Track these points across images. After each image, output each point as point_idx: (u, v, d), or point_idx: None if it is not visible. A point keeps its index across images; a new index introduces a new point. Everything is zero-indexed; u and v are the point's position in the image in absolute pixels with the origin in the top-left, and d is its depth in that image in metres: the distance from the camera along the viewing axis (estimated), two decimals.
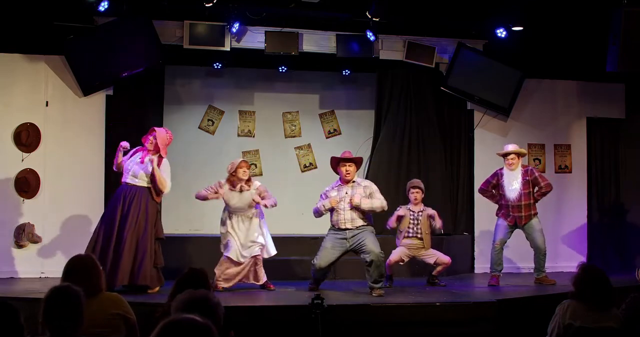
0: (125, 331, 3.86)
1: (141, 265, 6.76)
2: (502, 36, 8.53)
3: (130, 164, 7.03)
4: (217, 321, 2.78)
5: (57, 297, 3.23)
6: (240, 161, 7.30)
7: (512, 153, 7.77)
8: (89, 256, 4.01)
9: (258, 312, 6.15)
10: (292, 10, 8.05)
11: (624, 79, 9.38)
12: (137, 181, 6.96)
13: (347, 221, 7.05)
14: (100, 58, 7.99)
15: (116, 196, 7.00)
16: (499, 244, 7.81)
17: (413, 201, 7.70)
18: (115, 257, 6.71)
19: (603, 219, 9.56)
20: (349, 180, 7.15)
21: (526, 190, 7.73)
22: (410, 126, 9.16)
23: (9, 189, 7.92)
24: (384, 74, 9.24)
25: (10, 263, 7.85)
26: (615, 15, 7.54)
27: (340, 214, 7.07)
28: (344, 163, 7.15)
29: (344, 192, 7.11)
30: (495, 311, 6.37)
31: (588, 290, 4.12)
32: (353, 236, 7.05)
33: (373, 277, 6.88)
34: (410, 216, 7.66)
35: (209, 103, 9.87)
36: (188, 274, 3.87)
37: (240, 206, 7.20)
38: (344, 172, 7.12)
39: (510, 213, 7.78)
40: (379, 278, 6.89)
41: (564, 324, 4.07)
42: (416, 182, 7.80)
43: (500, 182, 7.88)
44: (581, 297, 4.13)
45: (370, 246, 6.94)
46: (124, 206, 6.86)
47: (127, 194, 6.92)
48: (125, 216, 6.83)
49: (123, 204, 6.87)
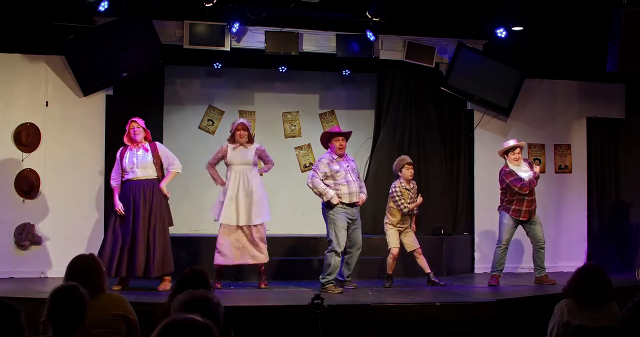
0: (127, 332, 3.85)
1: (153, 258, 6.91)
2: (502, 36, 8.53)
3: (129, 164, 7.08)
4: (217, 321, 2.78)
5: (64, 296, 3.25)
6: (238, 124, 7.43)
7: (517, 147, 7.79)
8: (91, 256, 4.01)
9: (258, 312, 6.15)
10: (292, 10, 8.04)
11: (624, 79, 9.38)
12: (145, 172, 7.06)
13: (357, 193, 7.23)
14: (100, 58, 7.99)
15: (124, 193, 7.06)
16: (505, 243, 7.78)
17: (409, 177, 7.70)
18: (130, 252, 6.88)
19: (603, 219, 9.56)
20: (343, 154, 7.33)
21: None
22: (410, 126, 9.16)
23: (9, 189, 7.92)
24: (384, 74, 9.24)
25: (10, 263, 7.85)
26: (615, 15, 7.54)
27: (352, 186, 7.20)
28: (337, 138, 7.32)
29: (345, 165, 7.29)
30: (495, 311, 6.37)
31: (582, 286, 4.12)
32: (354, 220, 7.26)
33: (351, 270, 7.29)
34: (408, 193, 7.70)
35: (209, 103, 9.87)
36: (188, 274, 3.87)
37: (240, 162, 7.37)
38: (337, 145, 7.30)
39: (523, 208, 7.72)
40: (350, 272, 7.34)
41: (563, 322, 4.07)
42: (408, 158, 7.83)
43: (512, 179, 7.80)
44: (576, 294, 4.13)
45: (360, 237, 7.27)
46: (140, 202, 6.98)
47: (135, 189, 7.01)
48: (137, 211, 6.96)
49: (140, 200, 6.98)
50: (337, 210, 7.14)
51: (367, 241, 8.73)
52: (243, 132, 7.37)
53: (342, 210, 7.15)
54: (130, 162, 7.06)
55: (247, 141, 7.41)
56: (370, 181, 9.14)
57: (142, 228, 6.94)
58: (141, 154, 7.09)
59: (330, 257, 7.06)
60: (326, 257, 7.11)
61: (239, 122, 7.46)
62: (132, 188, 7.04)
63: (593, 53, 8.51)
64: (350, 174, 7.27)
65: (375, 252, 8.55)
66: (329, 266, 7.05)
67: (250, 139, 7.47)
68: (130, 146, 7.12)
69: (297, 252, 8.14)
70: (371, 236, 8.88)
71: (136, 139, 7.09)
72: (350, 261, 7.30)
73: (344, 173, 7.22)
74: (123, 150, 7.17)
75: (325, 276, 7.07)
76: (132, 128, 7.11)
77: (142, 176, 7.06)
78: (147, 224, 6.98)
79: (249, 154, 7.40)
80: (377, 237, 8.80)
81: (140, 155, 7.08)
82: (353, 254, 7.28)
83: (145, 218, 6.97)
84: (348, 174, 7.23)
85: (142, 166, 7.07)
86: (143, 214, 6.96)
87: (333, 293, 6.85)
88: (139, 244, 6.90)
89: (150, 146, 7.16)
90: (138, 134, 7.10)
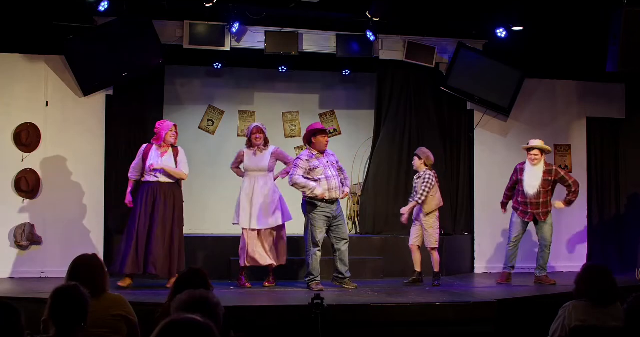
0: (127, 332, 3.85)
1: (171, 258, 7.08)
2: (502, 36, 8.53)
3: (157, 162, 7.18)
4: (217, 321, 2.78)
5: (66, 295, 3.26)
6: (253, 127, 7.50)
7: (535, 148, 7.78)
8: (93, 256, 4.01)
9: (258, 312, 6.16)
10: (292, 10, 8.04)
11: (624, 79, 9.38)
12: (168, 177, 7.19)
13: (337, 188, 7.23)
14: (100, 58, 7.98)
15: (143, 193, 7.15)
16: (514, 241, 7.90)
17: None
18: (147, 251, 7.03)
19: (603, 219, 9.55)
20: (323, 151, 7.36)
21: (545, 188, 7.77)
22: (410, 126, 9.16)
23: (9, 189, 7.92)
24: (384, 74, 9.23)
25: (10, 263, 7.85)
26: (615, 15, 7.53)
27: (331, 181, 7.20)
28: (323, 134, 7.35)
29: (325, 161, 7.31)
30: (495, 311, 6.37)
31: (591, 286, 4.11)
32: (336, 216, 7.26)
33: (347, 267, 7.26)
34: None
35: (209, 103, 9.88)
36: (187, 274, 3.87)
37: (255, 169, 7.46)
38: (324, 142, 7.32)
39: (528, 210, 7.81)
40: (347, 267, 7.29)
41: (570, 326, 4.05)
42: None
43: (520, 178, 7.88)
44: (585, 295, 4.13)
45: (345, 232, 7.30)
46: (159, 204, 7.10)
47: (155, 191, 7.13)
48: (154, 212, 7.08)
49: (154, 201, 7.10)
50: (317, 210, 7.19)
51: (367, 240, 8.76)
52: (259, 135, 7.44)
53: (321, 210, 7.20)
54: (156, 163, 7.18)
55: (263, 144, 7.48)
56: (370, 181, 9.14)
57: (161, 228, 7.08)
58: (166, 159, 7.20)
59: (308, 257, 7.22)
60: (306, 257, 7.28)
61: (254, 126, 7.52)
62: (153, 189, 7.14)
63: (593, 53, 8.50)
64: (330, 169, 7.28)
65: (375, 252, 8.56)
66: (308, 265, 7.24)
67: (266, 141, 7.54)
68: (155, 147, 7.22)
69: (297, 252, 8.13)
70: (371, 236, 8.89)
71: (172, 142, 7.25)
72: (342, 256, 7.31)
73: (323, 169, 7.25)
74: (147, 149, 7.25)
75: (307, 274, 7.26)
76: (172, 131, 7.23)
77: (164, 180, 7.18)
78: (165, 225, 7.11)
79: (263, 160, 7.47)
80: (377, 237, 8.82)
81: (166, 160, 7.19)
82: (341, 249, 7.31)
83: (166, 219, 7.11)
84: (327, 169, 7.26)
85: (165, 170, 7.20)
86: (163, 216, 7.10)
87: (314, 290, 6.90)
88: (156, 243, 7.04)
89: (174, 151, 7.27)
90: (173, 137, 7.27)
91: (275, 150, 7.55)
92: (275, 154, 7.54)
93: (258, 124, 7.58)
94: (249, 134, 7.50)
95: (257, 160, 7.47)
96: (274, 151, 7.54)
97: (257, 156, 7.47)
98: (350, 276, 7.36)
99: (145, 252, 7.03)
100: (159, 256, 7.02)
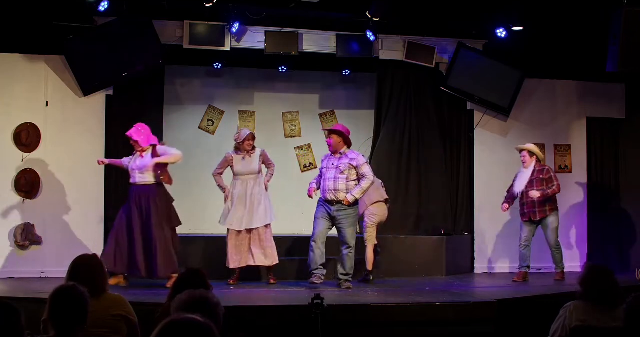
0: (127, 332, 3.85)
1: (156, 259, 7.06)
2: (502, 36, 8.53)
3: (132, 165, 7.23)
4: (217, 321, 2.78)
5: (66, 296, 3.25)
6: (248, 134, 7.58)
7: (523, 150, 8.09)
8: (93, 256, 4.00)
9: (258, 312, 6.15)
10: (292, 10, 8.04)
11: (624, 79, 9.38)
12: (144, 178, 7.20)
13: (329, 190, 7.27)
14: (100, 58, 7.99)
15: (128, 198, 7.24)
16: (523, 241, 8.13)
17: None
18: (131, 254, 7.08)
19: (603, 219, 9.55)
20: (333, 151, 7.41)
21: (532, 188, 7.93)
22: (410, 126, 9.16)
23: (8, 189, 7.92)
24: (384, 74, 9.23)
25: (10, 263, 7.85)
26: (615, 15, 7.53)
27: (326, 183, 7.31)
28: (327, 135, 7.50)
29: (330, 163, 7.38)
30: (495, 311, 6.37)
31: (595, 288, 4.11)
32: (335, 217, 7.28)
33: (345, 270, 7.29)
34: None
35: (209, 103, 9.88)
36: (187, 274, 3.86)
37: (244, 171, 7.56)
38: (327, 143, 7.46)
39: (524, 210, 8.07)
40: (350, 271, 7.29)
41: (571, 326, 4.05)
42: None
43: (514, 180, 8.20)
44: (588, 297, 4.12)
45: (346, 237, 7.27)
46: (136, 207, 7.13)
47: (136, 194, 7.17)
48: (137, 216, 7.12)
49: (136, 205, 7.14)
50: (318, 202, 7.43)
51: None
52: (252, 141, 7.59)
53: (320, 203, 7.41)
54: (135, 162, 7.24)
55: (252, 149, 7.60)
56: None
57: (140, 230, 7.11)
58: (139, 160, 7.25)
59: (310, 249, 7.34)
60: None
61: (250, 133, 7.62)
62: (133, 192, 7.22)
63: (593, 53, 8.50)
64: (331, 171, 7.33)
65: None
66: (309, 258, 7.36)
67: (254, 146, 7.65)
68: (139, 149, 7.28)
69: (297, 252, 8.13)
70: None
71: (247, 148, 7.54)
72: (341, 259, 7.34)
73: (326, 170, 7.40)
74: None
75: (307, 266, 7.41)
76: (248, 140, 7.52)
77: (146, 181, 7.22)
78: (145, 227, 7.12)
79: (253, 164, 7.60)
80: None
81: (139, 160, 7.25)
82: (342, 252, 7.33)
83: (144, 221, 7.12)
84: (329, 171, 7.34)
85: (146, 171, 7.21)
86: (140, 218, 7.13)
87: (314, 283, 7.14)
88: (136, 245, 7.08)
89: (153, 150, 7.28)
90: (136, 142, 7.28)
91: (262, 153, 7.68)
92: (263, 156, 7.67)
93: (251, 132, 7.71)
94: (242, 140, 7.54)
95: (247, 164, 7.58)
96: (261, 153, 7.67)
97: (246, 160, 7.58)
98: (347, 278, 7.31)
99: (127, 253, 7.10)
100: (139, 257, 7.06)
